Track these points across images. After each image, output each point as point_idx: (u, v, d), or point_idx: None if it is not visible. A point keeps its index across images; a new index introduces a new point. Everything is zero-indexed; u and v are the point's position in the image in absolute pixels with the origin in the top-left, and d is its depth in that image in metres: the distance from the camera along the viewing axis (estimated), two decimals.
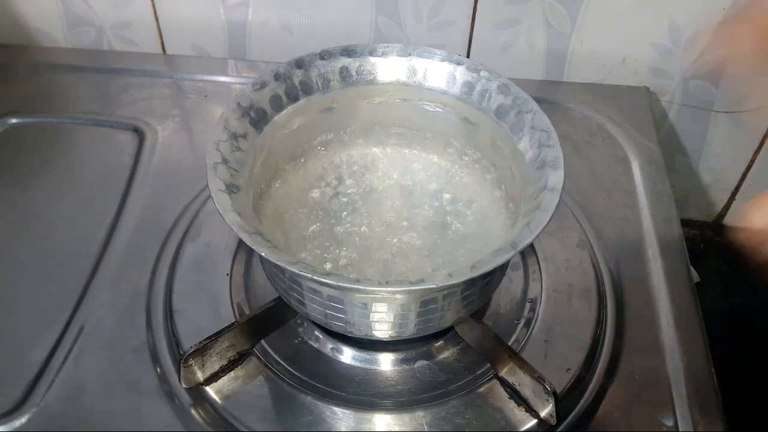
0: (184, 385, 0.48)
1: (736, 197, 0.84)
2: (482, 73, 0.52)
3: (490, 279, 0.48)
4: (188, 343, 0.49)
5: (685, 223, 0.83)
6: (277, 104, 0.51)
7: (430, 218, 0.52)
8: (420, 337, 0.50)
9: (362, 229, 0.51)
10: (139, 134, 0.71)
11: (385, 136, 0.57)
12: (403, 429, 0.47)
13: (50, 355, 0.52)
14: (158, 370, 0.51)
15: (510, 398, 0.48)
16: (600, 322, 0.54)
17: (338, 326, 0.47)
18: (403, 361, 0.51)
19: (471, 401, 0.48)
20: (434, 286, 0.39)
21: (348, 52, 0.53)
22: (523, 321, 0.54)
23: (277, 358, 0.51)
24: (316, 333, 0.53)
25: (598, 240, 0.61)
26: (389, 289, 0.39)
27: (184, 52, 0.82)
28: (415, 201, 0.53)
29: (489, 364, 0.50)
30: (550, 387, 0.45)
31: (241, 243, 0.56)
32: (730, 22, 0.66)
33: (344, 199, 0.53)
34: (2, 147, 0.69)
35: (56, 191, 0.65)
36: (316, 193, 0.53)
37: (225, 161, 0.45)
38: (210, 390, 0.48)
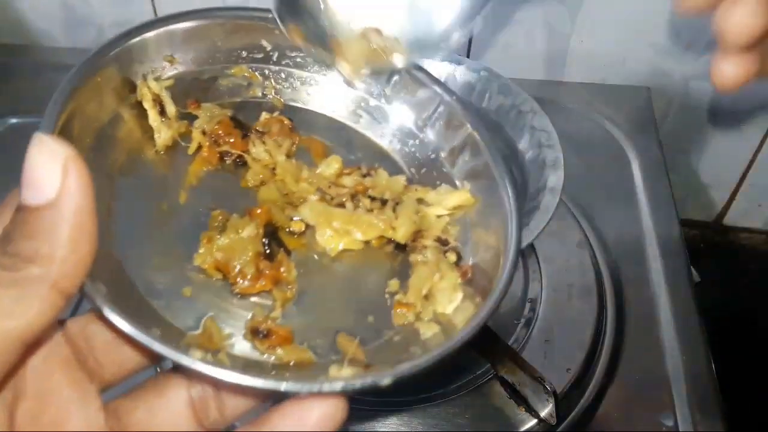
0: None
1: (736, 197, 0.83)
2: (482, 73, 0.52)
3: None
4: None
5: (685, 223, 0.83)
6: None
7: None
8: None
9: None
10: None
11: None
12: (403, 429, 0.47)
13: None
14: (158, 369, 0.51)
15: (510, 398, 0.48)
16: (600, 322, 0.54)
17: None
18: None
19: (471, 401, 0.48)
20: None
21: None
22: (523, 321, 0.54)
23: None
24: None
25: (598, 240, 0.60)
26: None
27: None
28: None
29: (489, 364, 0.50)
30: (550, 387, 0.45)
31: None
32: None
33: None
34: (2, 147, 0.69)
35: None
36: None
37: None
38: None
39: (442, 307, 0.30)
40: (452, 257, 0.31)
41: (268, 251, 0.29)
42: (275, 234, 0.30)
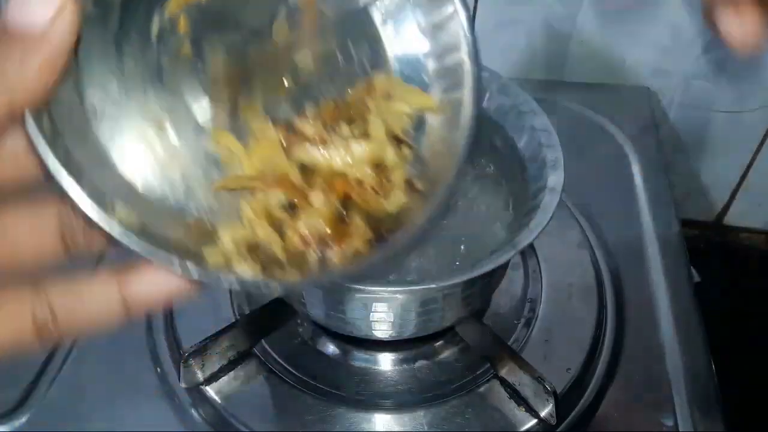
0: (184, 385, 0.48)
1: (736, 197, 0.83)
2: (482, 73, 0.52)
3: (490, 279, 0.48)
4: (188, 343, 0.49)
5: (685, 223, 0.83)
6: None
7: None
8: (420, 337, 0.50)
9: None
10: None
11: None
12: (403, 429, 0.47)
13: (50, 355, 0.52)
14: (158, 370, 0.51)
15: (510, 398, 0.48)
16: (600, 322, 0.54)
17: (338, 326, 0.47)
18: (403, 361, 0.51)
19: (471, 401, 0.48)
20: (435, 285, 0.39)
21: None
22: (523, 321, 0.54)
23: (277, 358, 0.51)
24: (316, 333, 0.53)
25: (598, 240, 0.61)
26: (390, 288, 0.39)
27: None
28: None
29: (489, 364, 0.50)
30: (550, 387, 0.45)
31: None
32: None
33: None
34: None
35: None
36: None
37: None
38: (210, 390, 0.48)
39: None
40: (407, 152, 0.29)
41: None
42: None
